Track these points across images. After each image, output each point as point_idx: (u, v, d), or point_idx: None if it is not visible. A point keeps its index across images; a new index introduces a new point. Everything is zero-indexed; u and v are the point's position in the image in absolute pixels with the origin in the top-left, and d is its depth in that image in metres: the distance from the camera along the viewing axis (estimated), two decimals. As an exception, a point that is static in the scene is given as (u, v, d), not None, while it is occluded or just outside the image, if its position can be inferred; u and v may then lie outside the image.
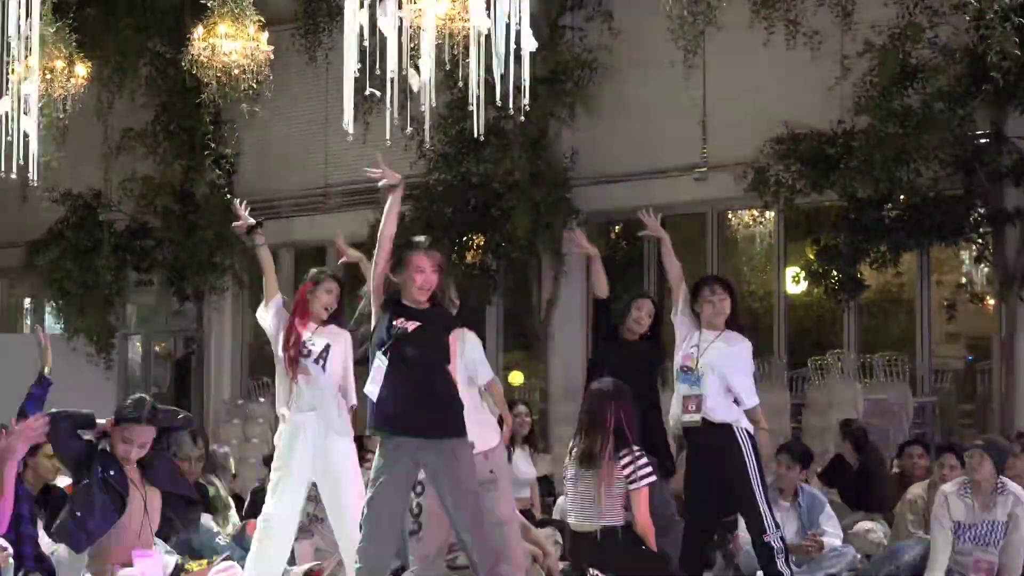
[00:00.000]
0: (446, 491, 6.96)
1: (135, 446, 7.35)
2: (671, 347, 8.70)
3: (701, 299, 8.44)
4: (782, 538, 8.30)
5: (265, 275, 8.26)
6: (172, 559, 7.90)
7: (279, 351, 8.08)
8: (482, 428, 7.81)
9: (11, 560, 7.41)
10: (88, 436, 7.49)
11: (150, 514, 7.36)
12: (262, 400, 17.62)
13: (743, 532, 9.34)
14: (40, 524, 8.25)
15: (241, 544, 9.26)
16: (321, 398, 8.03)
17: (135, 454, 7.37)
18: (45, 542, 8.14)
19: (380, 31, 7.21)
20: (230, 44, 13.53)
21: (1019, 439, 10.57)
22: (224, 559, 7.96)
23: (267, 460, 10.26)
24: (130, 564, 7.25)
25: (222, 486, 10.69)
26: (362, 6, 7.19)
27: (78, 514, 7.13)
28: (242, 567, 8.01)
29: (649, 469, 7.86)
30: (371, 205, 16.76)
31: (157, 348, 21.37)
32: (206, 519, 9.18)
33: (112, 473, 7.24)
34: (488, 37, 7.16)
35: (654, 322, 9.08)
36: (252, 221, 8.29)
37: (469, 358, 8.00)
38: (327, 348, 8.05)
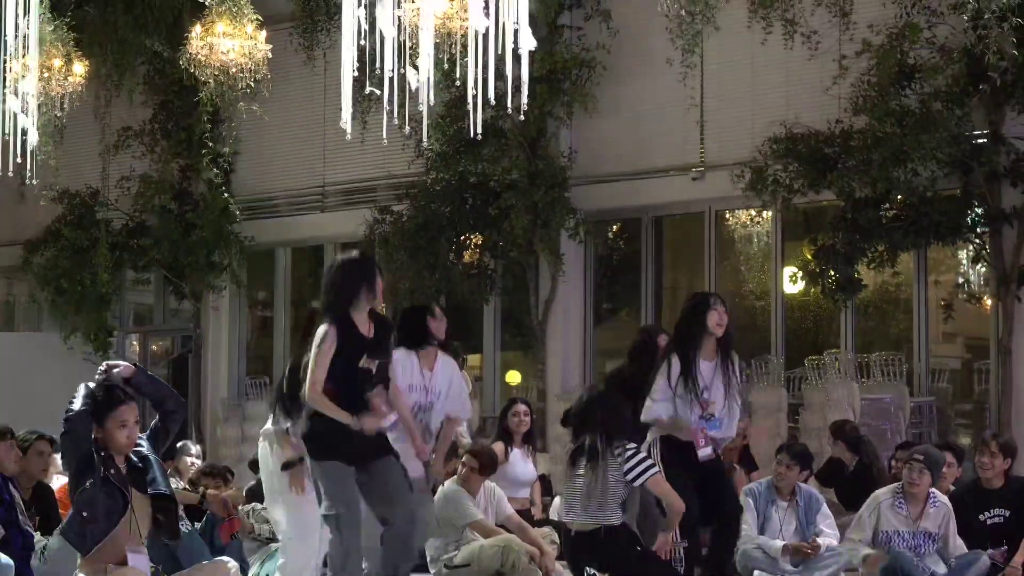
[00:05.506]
0: None
1: (131, 425, 7.29)
2: None
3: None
4: None
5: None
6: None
7: None
8: None
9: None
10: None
11: (137, 513, 7.32)
12: (260, 400, 17.58)
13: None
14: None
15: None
16: None
17: (134, 433, 7.32)
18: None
19: (379, 30, 7.20)
20: (228, 43, 13.53)
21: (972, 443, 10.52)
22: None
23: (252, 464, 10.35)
24: (124, 562, 7.24)
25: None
26: (360, 5, 7.19)
27: (84, 514, 7.12)
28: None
29: (650, 462, 7.93)
30: (368, 204, 16.80)
31: (154, 347, 21.34)
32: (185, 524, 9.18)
33: (113, 472, 7.22)
34: (486, 36, 7.15)
35: None
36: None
37: None
38: None
